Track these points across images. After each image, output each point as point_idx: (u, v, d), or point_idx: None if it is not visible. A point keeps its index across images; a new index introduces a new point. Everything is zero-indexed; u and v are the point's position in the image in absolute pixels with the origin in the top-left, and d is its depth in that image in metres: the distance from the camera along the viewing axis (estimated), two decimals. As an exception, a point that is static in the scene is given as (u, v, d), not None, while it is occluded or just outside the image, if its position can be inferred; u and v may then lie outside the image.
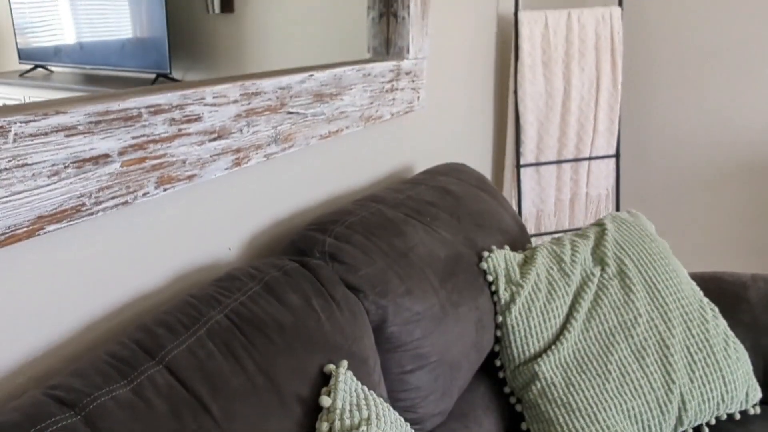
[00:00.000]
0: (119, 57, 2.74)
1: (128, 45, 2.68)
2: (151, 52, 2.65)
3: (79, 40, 2.41)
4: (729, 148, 2.06)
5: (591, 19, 1.99)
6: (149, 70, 2.69)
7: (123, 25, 2.53)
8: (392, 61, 1.28)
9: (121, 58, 2.74)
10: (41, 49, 2.78)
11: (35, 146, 0.62)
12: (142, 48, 2.63)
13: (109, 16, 2.57)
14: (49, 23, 2.55)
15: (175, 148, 0.79)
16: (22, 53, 2.82)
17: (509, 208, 1.34)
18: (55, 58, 2.79)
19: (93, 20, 2.65)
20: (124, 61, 2.75)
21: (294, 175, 1.10)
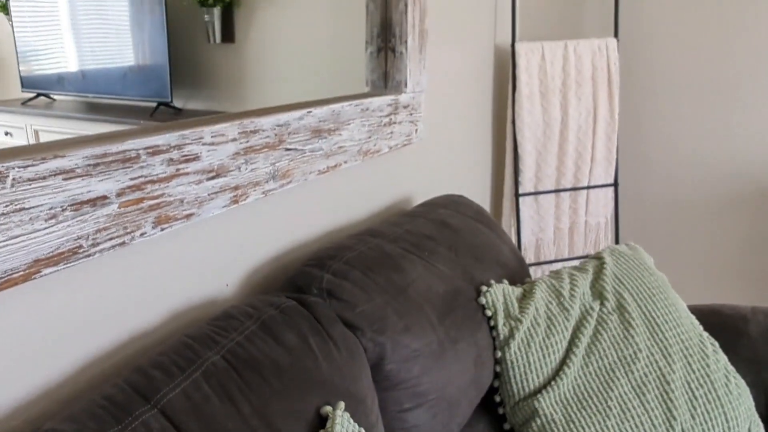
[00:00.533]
0: (121, 86, 2.76)
1: (130, 74, 2.70)
2: (152, 81, 2.67)
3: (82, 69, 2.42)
4: (727, 178, 2.06)
5: (587, 50, 2.01)
6: (150, 99, 2.71)
7: (125, 55, 2.55)
8: (390, 96, 1.29)
9: (122, 86, 2.76)
10: (44, 77, 2.80)
11: (33, 190, 0.63)
12: (143, 77, 2.65)
13: (111, 46, 2.59)
14: (52, 51, 2.56)
15: (173, 187, 0.79)
16: (25, 81, 2.83)
17: (508, 241, 1.34)
18: (57, 86, 2.80)
19: (95, 49, 2.67)
20: (126, 89, 2.76)
21: (292, 210, 1.10)
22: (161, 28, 2.53)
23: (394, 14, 1.31)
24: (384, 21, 1.33)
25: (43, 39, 2.74)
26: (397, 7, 1.30)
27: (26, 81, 2.97)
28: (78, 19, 2.62)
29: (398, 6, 1.30)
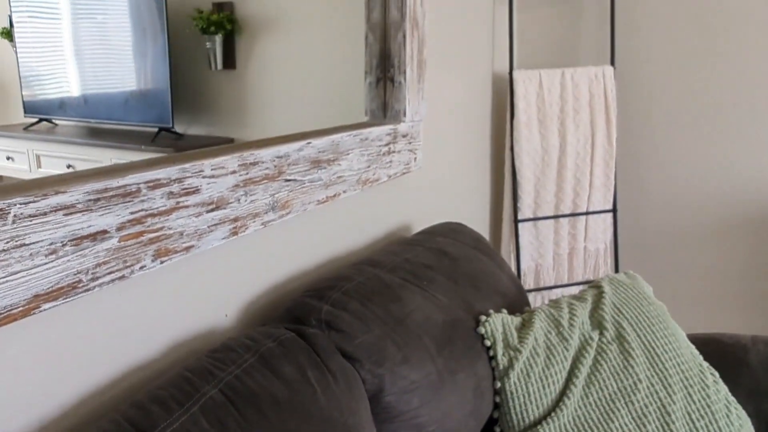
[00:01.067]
0: (123, 111, 2.79)
1: (132, 99, 2.72)
2: (154, 107, 2.69)
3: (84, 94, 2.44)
4: (725, 203, 2.07)
5: (584, 77, 2.03)
6: (152, 125, 2.73)
7: (127, 80, 2.58)
8: (389, 125, 1.30)
9: (124, 112, 2.79)
10: (46, 101, 2.82)
11: (34, 226, 0.63)
12: (145, 103, 2.68)
13: (113, 71, 2.61)
14: (55, 76, 2.58)
15: (173, 220, 0.79)
16: (28, 106, 2.85)
17: (506, 269, 1.34)
18: (59, 111, 2.82)
19: (98, 74, 2.69)
20: (128, 115, 2.79)
21: (291, 240, 1.10)
22: (163, 55, 2.56)
23: (393, 45, 1.33)
24: (383, 52, 1.35)
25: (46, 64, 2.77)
26: (396, 39, 1.32)
27: (29, 106, 3.00)
28: (81, 45, 2.65)
29: (396, 37, 1.32)
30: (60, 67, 2.73)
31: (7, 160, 2.95)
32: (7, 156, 2.97)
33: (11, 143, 2.99)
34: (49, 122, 2.99)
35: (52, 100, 2.83)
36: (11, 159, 2.95)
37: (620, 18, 2.09)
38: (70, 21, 2.48)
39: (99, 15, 2.51)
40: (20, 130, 2.99)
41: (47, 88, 2.81)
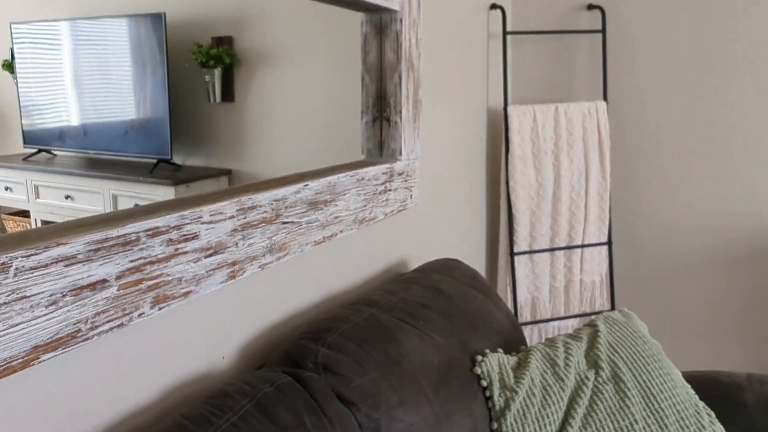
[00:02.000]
0: (122, 142, 2.79)
1: (131, 131, 2.73)
2: (153, 139, 2.70)
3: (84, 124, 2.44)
4: (719, 237, 2.09)
5: (578, 112, 2.06)
6: (151, 156, 2.73)
7: (127, 112, 2.59)
8: (385, 164, 1.32)
9: (123, 143, 2.79)
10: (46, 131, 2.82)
11: (35, 278, 0.64)
12: (144, 134, 2.69)
13: (113, 103, 2.63)
14: (55, 105, 2.59)
15: (172, 267, 0.80)
16: (27, 136, 2.86)
17: (502, 306, 1.35)
18: (59, 142, 2.82)
19: (98, 106, 2.70)
20: (127, 146, 2.79)
21: (288, 281, 1.11)
22: (163, 87, 2.59)
23: (389, 86, 1.35)
24: (379, 92, 1.37)
25: (46, 93, 2.79)
26: (392, 80, 1.34)
27: (28, 136, 3.01)
28: (81, 76, 2.68)
29: (392, 79, 1.34)
30: (60, 97, 2.74)
31: (6, 190, 2.95)
32: (5, 186, 2.97)
33: (10, 174, 2.99)
34: (48, 153, 2.99)
35: (52, 129, 2.84)
36: (9, 189, 2.95)
37: (612, 54, 2.14)
38: (70, 51, 2.51)
39: (99, 45, 2.54)
40: (19, 160, 3.00)
41: (47, 117, 2.82)
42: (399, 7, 1.30)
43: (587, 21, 2.15)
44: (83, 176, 2.57)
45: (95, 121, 2.56)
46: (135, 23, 2.49)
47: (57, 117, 2.76)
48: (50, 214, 2.67)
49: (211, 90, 2.47)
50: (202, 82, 2.44)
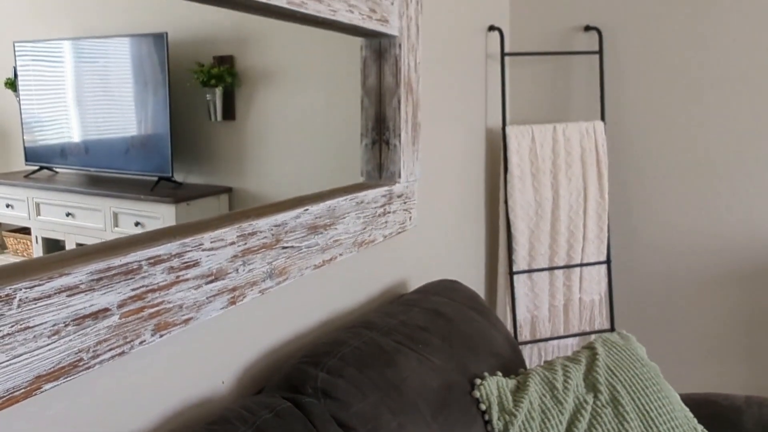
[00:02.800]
0: (123, 160, 2.80)
1: (132, 149, 2.74)
2: (154, 157, 2.72)
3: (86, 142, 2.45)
4: (717, 255, 2.10)
5: (576, 132, 2.08)
6: (152, 174, 2.75)
7: (128, 130, 2.61)
8: (384, 187, 1.33)
9: (124, 161, 2.80)
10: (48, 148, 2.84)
11: (38, 309, 0.65)
12: (145, 152, 2.70)
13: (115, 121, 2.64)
14: (56, 121, 2.60)
15: (173, 294, 0.81)
16: (29, 153, 2.88)
17: (501, 328, 1.35)
18: (60, 159, 2.84)
19: (99, 124, 2.72)
20: (128, 164, 2.81)
21: (288, 305, 1.12)
22: (164, 106, 2.61)
23: (388, 110, 1.37)
24: (378, 115, 1.39)
25: (48, 110, 2.80)
26: (391, 104, 1.36)
27: (30, 153, 3.03)
28: (83, 94, 2.69)
29: (392, 102, 1.36)
30: (62, 114, 2.76)
31: (7, 207, 2.97)
32: (6, 204, 2.98)
33: (11, 191, 3.00)
34: (49, 170, 3.00)
35: (53, 146, 2.85)
36: (11, 206, 2.96)
37: (609, 75, 2.16)
38: (73, 69, 2.52)
39: (101, 64, 2.56)
40: (21, 177, 3.01)
41: (48, 133, 2.83)
42: (398, 32, 1.32)
43: (584, 42, 2.18)
44: (84, 194, 2.59)
45: (97, 139, 2.58)
46: (137, 43, 2.51)
47: (59, 133, 2.78)
48: (51, 232, 2.68)
49: (212, 108, 2.49)
50: (204, 101, 2.46)
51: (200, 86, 2.39)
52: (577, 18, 2.17)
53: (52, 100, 2.71)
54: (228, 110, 2.48)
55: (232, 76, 2.42)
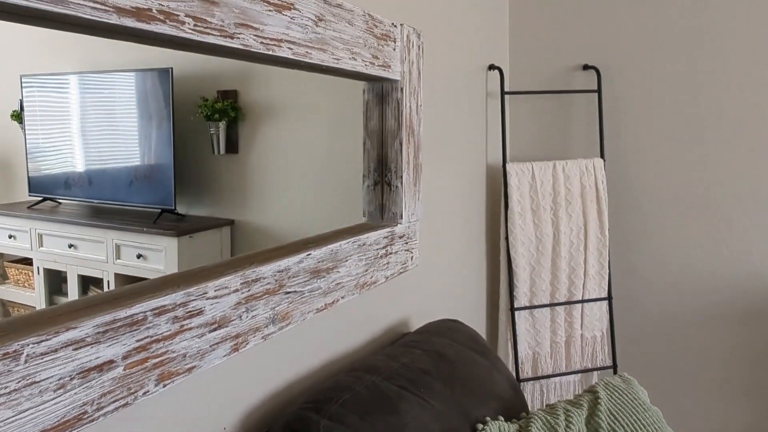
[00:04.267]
0: (126, 192, 2.82)
1: (136, 181, 2.76)
2: (157, 189, 2.74)
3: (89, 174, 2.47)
4: (717, 292, 2.10)
5: (575, 169, 2.10)
6: (155, 206, 2.76)
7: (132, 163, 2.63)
8: (386, 228, 1.35)
9: (127, 193, 2.82)
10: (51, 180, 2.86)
11: (45, 364, 0.66)
12: (148, 185, 2.72)
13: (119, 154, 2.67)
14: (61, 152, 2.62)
15: (177, 343, 0.82)
16: (33, 183, 2.90)
17: (503, 369, 1.35)
18: (64, 191, 2.86)
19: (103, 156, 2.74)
20: (131, 196, 2.82)
21: (290, 349, 1.12)
22: (168, 140, 2.64)
23: (390, 152, 1.39)
24: (380, 157, 1.41)
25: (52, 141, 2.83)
26: (393, 146, 1.38)
27: (34, 184, 3.04)
28: (88, 127, 2.72)
29: (394, 144, 1.38)
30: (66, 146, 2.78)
31: (9, 238, 2.97)
32: (9, 234, 2.98)
33: (14, 222, 3.01)
34: (53, 201, 3.02)
35: (57, 178, 2.87)
36: (13, 237, 2.96)
37: (608, 112, 2.19)
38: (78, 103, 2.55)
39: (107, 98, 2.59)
40: (24, 208, 3.02)
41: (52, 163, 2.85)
42: (400, 77, 1.35)
43: (583, 81, 2.21)
44: (87, 225, 2.60)
45: (100, 171, 2.61)
46: (142, 77, 2.56)
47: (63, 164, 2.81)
48: (53, 263, 2.69)
49: (215, 142, 2.52)
50: (207, 134, 2.49)
51: (204, 120, 2.42)
52: (576, 57, 2.21)
53: (57, 132, 2.74)
54: (231, 144, 2.51)
55: (236, 111, 2.46)
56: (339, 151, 2.06)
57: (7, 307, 2.91)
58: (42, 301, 2.69)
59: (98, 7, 0.67)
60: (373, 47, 1.23)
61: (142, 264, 2.49)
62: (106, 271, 2.58)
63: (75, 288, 2.62)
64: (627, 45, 2.14)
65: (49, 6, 0.62)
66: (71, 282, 2.66)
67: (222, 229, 2.52)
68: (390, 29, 1.30)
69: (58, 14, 0.64)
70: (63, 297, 2.65)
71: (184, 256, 2.38)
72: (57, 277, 2.70)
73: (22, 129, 2.92)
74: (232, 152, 2.51)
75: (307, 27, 1.02)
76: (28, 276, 2.81)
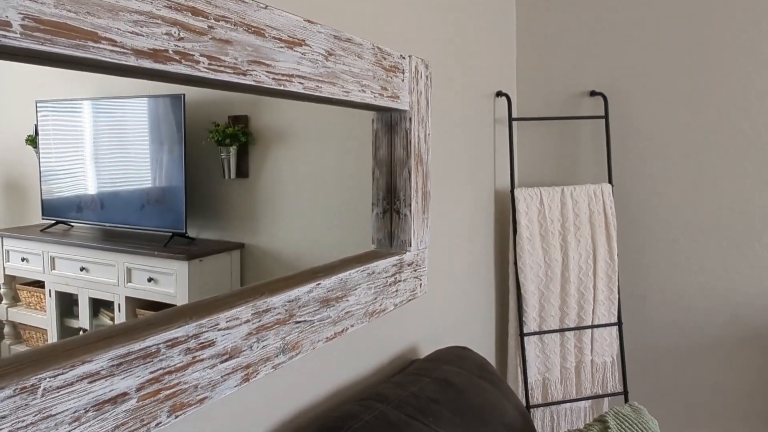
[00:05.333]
0: (137, 216, 2.86)
1: (147, 206, 2.80)
2: (168, 213, 2.77)
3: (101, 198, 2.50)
4: (728, 317, 2.09)
5: (584, 195, 2.11)
6: (166, 230, 2.79)
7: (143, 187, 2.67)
8: (395, 256, 1.36)
9: (139, 217, 2.85)
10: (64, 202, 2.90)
11: (61, 397, 0.67)
12: (159, 209, 2.75)
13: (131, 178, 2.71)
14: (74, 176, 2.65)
15: (189, 375, 0.83)
16: (46, 207, 2.94)
17: (512, 398, 1.35)
18: (76, 214, 2.89)
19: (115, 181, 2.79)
20: (142, 220, 2.85)
21: (300, 378, 1.13)
22: (179, 165, 2.68)
23: (399, 180, 1.41)
24: (389, 185, 1.43)
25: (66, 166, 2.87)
26: (401, 175, 1.40)
27: (47, 207, 3.09)
28: (101, 152, 2.77)
29: (402, 173, 1.40)
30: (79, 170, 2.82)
31: (22, 261, 3.01)
32: (22, 257, 3.03)
33: (27, 245, 3.05)
34: (65, 224, 3.06)
35: (70, 202, 2.91)
36: (26, 260, 3.00)
37: (615, 138, 2.20)
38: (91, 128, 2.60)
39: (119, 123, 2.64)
40: (37, 231, 3.07)
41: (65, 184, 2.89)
42: (408, 107, 1.37)
43: (590, 107, 2.23)
44: (99, 249, 2.63)
45: (112, 195, 2.65)
46: (155, 103, 2.60)
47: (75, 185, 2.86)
48: (65, 286, 2.71)
49: (226, 166, 2.56)
50: (218, 159, 2.52)
51: (215, 145, 2.46)
52: (583, 84, 2.23)
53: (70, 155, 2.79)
54: (241, 168, 2.54)
55: (246, 136, 2.49)
56: (348, 177, 2.08)
57: (18, 330, 2.93)
58: (53, 324, 2.71)
59: (117, 50, 0.69)
60: (382, 79, 1.26)
61: (153, 287, 2.51)
62: (117, 294, 2.60)
63: (86, 311, 2.65)
64: (633, 71, 2.16)
65: (70, 51, 0.65)
66: (82, 305, 2.69)
67: (232, 253, 2.54)
68: (398, 61, 1.32)
69: (80, 58, 0.67)
70: (74, 319, 2.67)
71: (194, 280, 2.40)
72: (68, 299, 2.73)
73: (37, 153, 2.97)
74: (243, 177, 2.54)
75: (318, 62, 1.04)
76: (39, 298, 2.84)
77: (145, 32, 0.72)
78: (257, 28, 0.91)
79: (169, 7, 0.76)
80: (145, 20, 0.72)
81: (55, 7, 0.63)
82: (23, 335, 3.03)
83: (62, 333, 2.81)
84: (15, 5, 0.59)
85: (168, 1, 0.75)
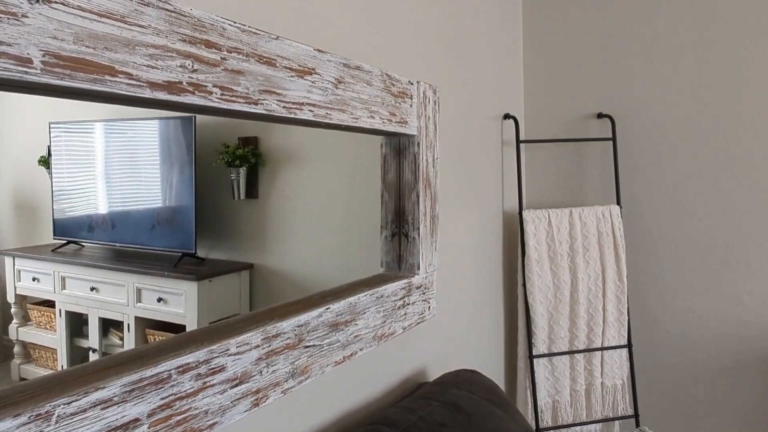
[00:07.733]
0: (148, 236, 2.88)
1: (157, 226, 2.82)
2: (178, 233, 2.79)
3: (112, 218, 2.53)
4: (738, 338, 2.07)
5: (592, 216, 2.11)
6: (176, 250, 2.81)
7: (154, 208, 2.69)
8: (404, 279, 1.36)
9: (149, 237, 2.88)
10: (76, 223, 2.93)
11: (74, 424, 0.68)
12: (169, 229, 2.78)
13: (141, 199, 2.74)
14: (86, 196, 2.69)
15: (199, 400, 0.84)
16: (58, 227, 2.97)
17: (522, 422, 1.34)
18: (87, 234, 2.92)
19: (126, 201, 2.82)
20: (152, 240, 2.88)
21: (309, 402, 1.13)
22: (189, 186, 2.71)
23: (407, 204, 1.42)
24: (398, 209, 1.44)
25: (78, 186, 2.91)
26: (410, 198, 1.41)
27: (59, 227, 3.12)
28: (112, 173, 2.81)
29: (411, 197, 1.41)
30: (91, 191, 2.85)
31: (33, 281, 3.04)
32: (33, 277, 3.06)
33: (38, 265, 3.09)
34: (76, 244, 3.09)
35: (82, 222, 2.95)
36: (37, 280, 3.04)
37: (623, 159, 2.21)
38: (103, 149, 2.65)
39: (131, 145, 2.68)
40: (48, 251, 3.11)
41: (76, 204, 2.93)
42: (417, 132, 1.39)
43: (597, 129, 2.24)
44: (109, 269, 2.66)
45: (123, 215, 2.68)
46: (166, 125, 2.64)
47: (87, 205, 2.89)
48: (75, 305, 2.73)
49: (236, 187, 2.58)
50: (227, 180, 2.55)
51: (225, 166, 2.49)
52: (590, 106, 2.24)
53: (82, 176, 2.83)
54: (251, 189, 2.56)
55: (256, 157, 2.52)
56: (357, 198, 2.09)
57: (28, 349, 2.95)
58: (63, 344, 2.73)
59: (132, 83, 0.71)
60: (390, 105, 1.27)
61: (163, 308, 2.52)
62: (126, 314, 2.62)
63: (96, 331, 2.66)
64: (641, 93, 2.17)
65: (88, 85, 0.67)
66: (92, 325, 2.70)
67: (241, 273, 2.55)
68: (407, 87, 1.34)
69: (97, 92, 0.69)
70: (84, 339, 2.69)
71: (203, 300, 2.42)
72: (78, 319, 2.75)
73: (49, 173, 3.02)
74: (252, 197, 2.56)
75: (327, 90, 1.06)
76: (50, 318, 2.86)
77: (160, 65, 0.74)
78: (269, 58, 0.93)
79: (184, 41, 0.78)
80: (161, 53, 0.74)
81: (74, 44, 0.65)
82: (33, 354, 3.05)
83: (72, 353, 2.83)
84: (36, 43, 0.61)
85: (182, 35, 0.77)
